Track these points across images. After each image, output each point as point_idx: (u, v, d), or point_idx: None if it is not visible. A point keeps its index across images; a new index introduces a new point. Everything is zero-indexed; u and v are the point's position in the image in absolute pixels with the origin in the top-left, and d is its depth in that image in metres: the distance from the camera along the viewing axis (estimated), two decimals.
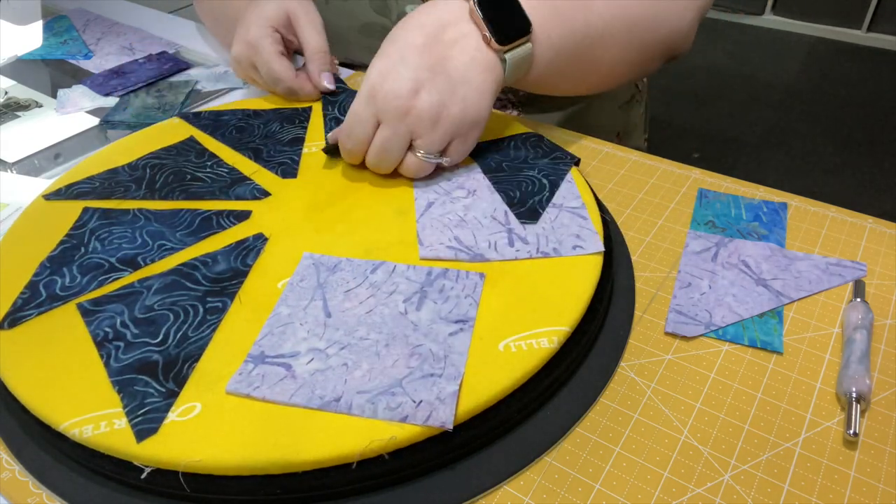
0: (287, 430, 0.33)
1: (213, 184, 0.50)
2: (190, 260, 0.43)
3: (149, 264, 0.43)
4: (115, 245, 0.44)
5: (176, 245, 0.44)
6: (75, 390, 0.35)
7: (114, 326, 0.38)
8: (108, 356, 0.37)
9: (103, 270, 0.42)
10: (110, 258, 0.43)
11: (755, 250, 0.47)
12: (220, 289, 0.41)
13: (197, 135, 0.56)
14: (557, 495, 0.34)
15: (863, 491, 0.34)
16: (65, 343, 0.38)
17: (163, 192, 0.49)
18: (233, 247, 0.44)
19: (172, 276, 0.42)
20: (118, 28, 0.85)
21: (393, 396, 0.34)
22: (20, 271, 0.43)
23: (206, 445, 0.32)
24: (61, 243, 0.44)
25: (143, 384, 0.35)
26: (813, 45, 2.57)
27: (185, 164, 0.52)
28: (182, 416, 0.34)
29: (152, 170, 0.52)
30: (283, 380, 0.35)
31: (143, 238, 0.45)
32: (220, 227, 0.46)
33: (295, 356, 0.37)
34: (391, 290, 0.41)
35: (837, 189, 1.85)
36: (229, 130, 0.57)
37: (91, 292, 0.41)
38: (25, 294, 0.41)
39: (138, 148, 0.55)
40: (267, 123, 0.58)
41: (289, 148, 0.55)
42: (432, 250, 0.44)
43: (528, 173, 0.50)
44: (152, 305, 0.40)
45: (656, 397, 0.39)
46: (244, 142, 0.56)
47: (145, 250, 0.44)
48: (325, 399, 0.34)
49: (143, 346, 0.37)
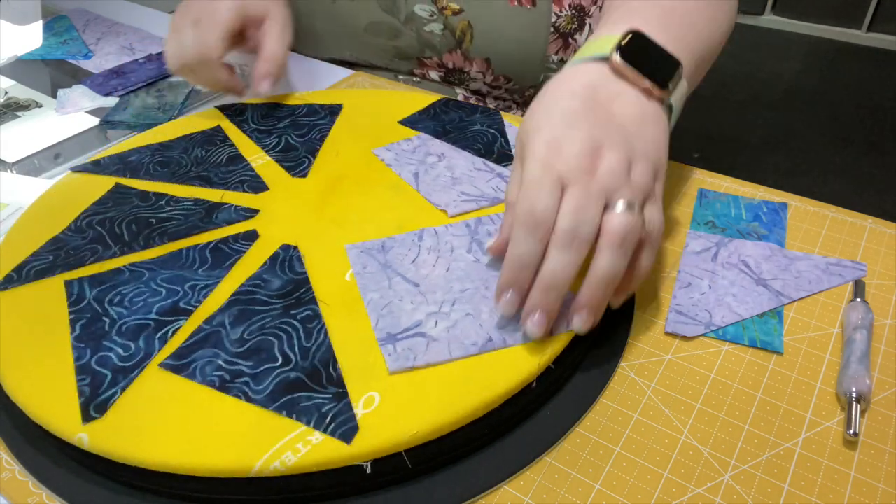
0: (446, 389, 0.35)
1: (188, 219, 0.48)
2: (239, 288, 0.42)
3: (198, 307, 0.40)
4: (140, 304, 0.41)
5: (209, 281, 0.42)
6: (234, 437, 0.33)
7: (221, 367, 0.36)
8: (244, 394, 0.35)
9: (153, 328, 0.39)
10: (149, 315, 0.40)
11: (755, 250, 0.47)
12: (296, 300, 0.41)
13: (121, 181, 0.52)
14: (557, 495, 0.34)
15: (863, 491, 0.34)
16: (182, 400, 0.35)
17: (140, 242, 0.45)
18: (269, 264, 0.43)
19: (237, 307, 0.40)
20: (118, 28, 0.85)
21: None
22: (48, 365, 0.37)
23: (412, 419, 0.34)
24: (74, 322, 0.40)
25: (305, 399, 0.35)
26: (813, 45, 2.57)
27: (138, 210, 0.49)
28: (366, 407, 0.34)
29: (102, 225, 0.47)
30: (430, 345, 0.37)
31: (166, 287, 0.42)
32: (237, 252, 0.45)
33: (419, 325, 0.38)
34: (449, 248, 0.44)
35: (837, 189, 1.85)
36: (153, 168, 0.53)
37: (161, 351, 0.38)
38: (85, 379, 0.36)
39: (65, 209, 0.49)
40: (187, 152, 0.55)
41: (235, 167, 0.53)
42: (455, 207, 0.47)
43: (473, 128, 0.56)
44: (241, 337, 0.38)
45: (656, 397, 0.39)
46: (181, 174, 0.53)
47: (180, 297, 0.41)
48: (478, 344, 0.37)
49: (271, 372, 0.36)
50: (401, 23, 0.71)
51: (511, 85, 0.73)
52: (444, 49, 0.71)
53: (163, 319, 0.40)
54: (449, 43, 0.71)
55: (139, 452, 0.33)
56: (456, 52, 0.71)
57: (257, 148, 0.56)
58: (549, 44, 0.70)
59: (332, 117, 0.60)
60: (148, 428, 0.34)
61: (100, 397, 0.35)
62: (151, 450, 0.33)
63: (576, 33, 0.70)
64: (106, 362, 0.37)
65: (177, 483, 0.33)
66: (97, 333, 0.39)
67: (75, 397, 0.35)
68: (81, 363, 0.37)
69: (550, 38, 0.69)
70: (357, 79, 0.72)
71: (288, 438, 0.33)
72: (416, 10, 0.70)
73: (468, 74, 0.73)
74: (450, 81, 0.75)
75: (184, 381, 0.36)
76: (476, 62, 0.71)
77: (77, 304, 0.41)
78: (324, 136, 0.57)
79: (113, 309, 0.40)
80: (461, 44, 0.70)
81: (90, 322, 0.39)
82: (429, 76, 0.75)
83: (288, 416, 0.34)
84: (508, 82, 0.73)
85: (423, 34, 0.71)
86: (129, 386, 0.36)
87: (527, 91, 0.74)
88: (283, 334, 0.38)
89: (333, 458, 0.32)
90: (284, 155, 0.55)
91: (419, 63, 0.74)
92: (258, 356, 0.37)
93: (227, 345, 0.38)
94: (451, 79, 0.75)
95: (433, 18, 0.70)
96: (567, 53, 0.71)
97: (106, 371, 0.36)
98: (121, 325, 0.39)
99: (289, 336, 0.38)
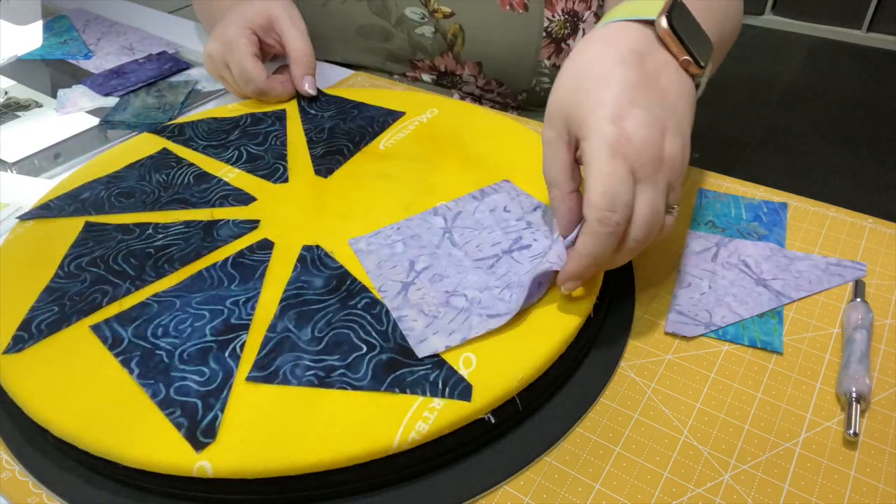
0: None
1: (189, 242, 0.46)
2: (285, 294, 0.41)
3: (249, 319, 0.40)
4: (188, 330, 0.39)
5: (249, 294, 0.42)
6: (361, 422, 0.34)
7: (311, 367, 0.37)
8: (348, 384, 0.36)
9: (216, 349, 0.38)
10: (205, 339, 0.39)
11: (755, 250, 0.47)
12: (347, 293, 0.41)
13: (91, 219, 0.49)
14: (557, 495, 0.34)
15: (863, 491, 0.34)
16: (286, 404, 0.35)
17: (150, 273, 0.44)
18: (300, 266, 0.44)
19: (292, 311, 0.40)
20: (118, 28, 0.85)
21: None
22: (117, 411, 0.35)
23: (512, 367, 0.36)
24: (126, 362, 0.38)
25: (409, 374, 0.36)
26: (813, 45, 2.57)
27: (126, 244, 0.46)
28: (467, 367, 0.36)
29: (96, 265, 0.44)
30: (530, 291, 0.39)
31: (207, 308, 0.41)
32: (260, 262, 0.44)
33: (496, 288, 0.41)
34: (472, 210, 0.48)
35: (837, 189, 1.85)
36: (117, 200, 0.51)
37: (241, 366, 0.37)
38: (175, 412, 0.35)
39: (39, 258, 0.46)
40: (146, 178, 0.53)
41: (207, 184, 0.52)
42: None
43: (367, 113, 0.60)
44: (314, 336, 0.38)
45: (656, 397, 0.39)
46: (153, 201, 0.51)
47: (227, 314, 0.40)
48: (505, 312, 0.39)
49: (363, 359, 0.37)
50: (392, 25, 0.71)
51: (503, 89, 0.73)
52: (436, 52, 0.71)
53: (223, 339, 0.39)
54: (440, 46, 0.71)
55: (275, 462, 0.32)
56: (447, 55, 0.71)
57: (220, 163, 0.55)
58: (542, 49, 0.69)
59: (281, 122, 0.60)
60: (268, 437, 0.33)
61: (203, 423, 0.34)
62: (285, 456, 0.33)
63: (569, 38, 0.70)
64: (188, 391, 0.36)
65: (177, 483, 0.33)
66: (159, 367, 0.37)
67: (168, 432, 0.34)
68: (160, 399, 0.35)
69: (543, 42, 0.69)
70: (357, 79, 0.72)
71: (413, 410, 0.34)
72: (407, 13, 0.70)
73: (460, 78, 0.73)
74: (442, 84, 0.75)
75: (277, 387, 0.36)
76: (468, 66, 0.71)
77: (118, 346, 0.39)
78: (283, 141, 0.57)
79: (162, 341, 0.39)
80: (452, 47, 0.70)
81: (144, 359, 0.38)
82: (421, 78, 0.75)
83: (402, 393, 0.35)
84: (500, 86, 0.73)
85: (413, 37, 0.71)
86: (226, 405, 0.35)
87: (519, 95, 0.74)
88: (354, 325, 0.39)
89: (461, 416, 0.34)
90: (253, 165, 0.54)
91: (411, 65, 0.74)
92: (341, 349, 0.38)
93: (304, 346, 0.38)
94: (443, 81, 0.75)
95: (424, 21, 0.70)
96: (560, 59, 0.71)
97: (193, 399, 0.35)
98: (181, 352, 0.38)
99: (360, 325, 0.39)
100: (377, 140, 0.57)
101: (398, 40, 0.72)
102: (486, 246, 0.44)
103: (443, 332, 0.38)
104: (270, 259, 0.44)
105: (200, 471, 0.32)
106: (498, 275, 0.42)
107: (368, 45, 0.73)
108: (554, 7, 0.68)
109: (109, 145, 0.62)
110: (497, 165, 0.52)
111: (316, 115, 0.61)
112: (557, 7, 0.68)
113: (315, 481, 0.33)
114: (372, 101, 0.62)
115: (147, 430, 0.34)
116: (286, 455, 0.33)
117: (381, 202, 0.49)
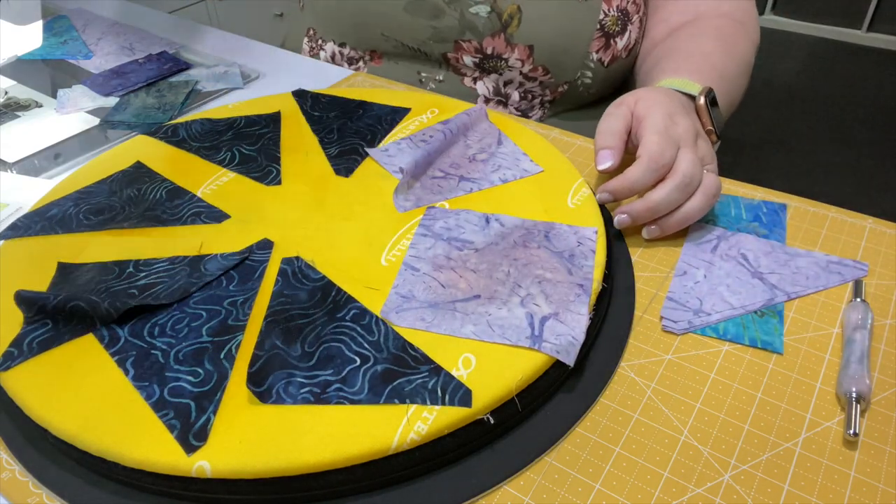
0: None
1: (175, 277, 0.44)
2: (269, 310, 0.40)
3: (247, 320, 0.40)
4: (183, 329, 0.39)
5: (247, 295, 0.41)
6: (359, 425, 0.34)
7: (304, 384, 0.36)
8: (345, 399, 0.35)
9: (212, 350, 0.38)
10: (200, 339, 0.38)
11: (756, 245, 0.47)
12: (333, 304, 0.41)
13: (64, 260, 0.46)
14: (557, 495, 0.34)
15: (863, 491, 0.34)
16: (281, 410, 0.35)
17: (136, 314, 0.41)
18: (282, 280, 0.43)
19: (277, 328, 0.39)
20: (118, 28, 0.85)
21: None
22: (117, 411, 0.35)
23: (511, 367, 0.36)
24: (121, 363, 0.37)
25: (406, 383, 0.36)
26: (813, 45, 2.57)
27: (106, 284, 0.43)
28: (466, 367, 0.36)
29: (81, 310, 0.40)
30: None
31: (202, 309, 0.40)
32: (260, 262, 0.44)
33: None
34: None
35: (837, 189, 1.85)
36: (86, 217, 0.49)
37: (235, 368, 0.37)
38: (168, 414, 0.35)
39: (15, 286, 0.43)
40: (117, 194, 0.52)
41: (180, 200, 0.51)
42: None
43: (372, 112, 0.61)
44: (304, 352, 0.38)
45: (656, 397, 0.39)
46: (124, 219, 0.49)
47: (224, 316, 0.40)
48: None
49: (357, 372, 0.36)
50: (445, 2, 0.70)
51: (547, 78, 0.72)
52: (486, 32, 0.70)
53: (219, 340, 0.39)
54: (493, 26, 0.70)
55: (274, 462, 0.32)
56: (499, 36, 0.70)
57: (216, 166, 0.54)
58: (593, 41, 0.69)
59: (275, 125, 0.59)
60: (266, 437, 0.33)
61: (196, 426, 0.34)
62: (284, 456, 0.33)
63: (618, 36, 0.70)
64: (182, 392, 0.36)
65: (177, 483, 0.33)
66: (154, 368, 0.37)
67: (167, 433, 0.34)
68: (154, 400, 0.35)
69: (595, 34, 0.69)
70: (356, 79, 0.72)
71: (411, 411, 0.34)
72: None
73: (506, 62, 0.71)
74: (484, 68, 0.73)
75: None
76: (518, 49, 0.70)
77: (115, 345, 0.38)
78: (276, 143, 0.57)
79: (158, 341, 0.38)
80: (506, 28, 0.69)
81: (140, 359, 0.37)
82: (462, 61, 0.73)
83: (400, 403, 0.35)
84: (546, 74, 0.72)
85: (467, 15, 0.70)
86: (218, 408, 0.35)
87: (560, 86, 0.73)
88: (344, 337, 0.38)
89: (460, 417, 0.34)
90: (246, 167, 0.54)
91: (456, 46, 0.72)
92: (334, 363, 0.37)
93: (295, 362, 0.37)
94: (486, 65, 0.73)
95: (481, 0, 0.69)
96: (607, 54, 0.71)
97: (186, 400, 0.35)
98: (176, 352, 0.38)
99: (351, 337, 0.38)
100: (388, 137, 0.57)
101: (448, 19, 0.71)
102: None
103: (415, 317, 0.39)
104: (266, 263, 0.44)
105: (199, 471, 0.32)
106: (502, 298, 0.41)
107: (414, 21, 0.72)
108: (611, 1, 0.68)
109: (109, 145, 0.62)
110: None
111: (321, 117, 0.60)
112: (614, 2, 0.69)
113: (314, 482, 0.33)
114: (374, 100, 0.62)
115: (146, 430, 0.34)
116: (285, 455, 0.32)
117: (382, 202, 0.49)
